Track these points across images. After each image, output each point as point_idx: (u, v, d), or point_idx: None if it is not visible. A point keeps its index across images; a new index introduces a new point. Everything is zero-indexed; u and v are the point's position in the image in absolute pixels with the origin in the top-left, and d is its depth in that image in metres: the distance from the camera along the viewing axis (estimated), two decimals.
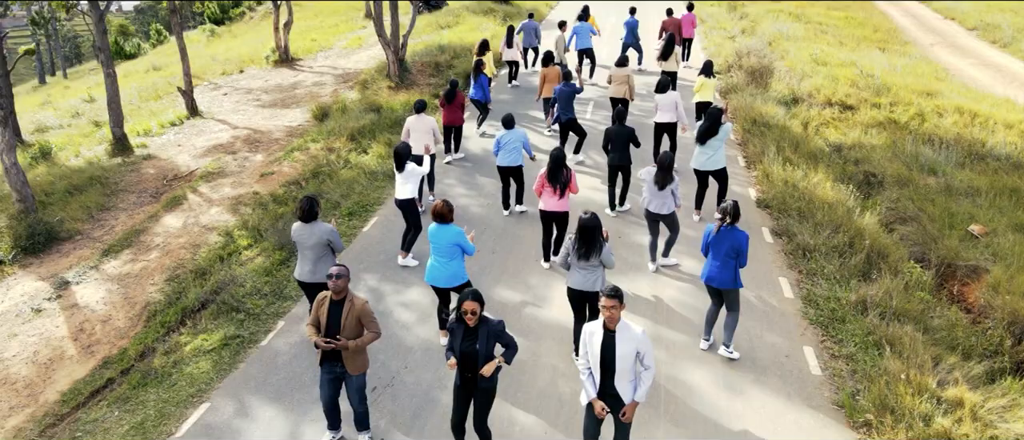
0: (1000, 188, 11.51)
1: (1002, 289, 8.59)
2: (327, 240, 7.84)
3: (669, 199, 9.07)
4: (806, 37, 22.38)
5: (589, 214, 7.23)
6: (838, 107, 15.63)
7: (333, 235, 7.89)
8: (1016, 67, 22.44)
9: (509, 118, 10.94)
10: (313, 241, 7.79)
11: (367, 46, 28.59)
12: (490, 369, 5.87)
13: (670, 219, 9.26)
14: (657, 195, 9.08)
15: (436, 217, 7.70)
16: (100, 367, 8.68)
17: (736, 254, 7.41)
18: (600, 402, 5.72)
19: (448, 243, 7.65)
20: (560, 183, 9.12)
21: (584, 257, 7.25)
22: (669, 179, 8.94)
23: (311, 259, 7.85)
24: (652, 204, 9.16)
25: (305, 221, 7.84)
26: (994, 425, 6.65)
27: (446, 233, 7.65)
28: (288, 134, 17.12)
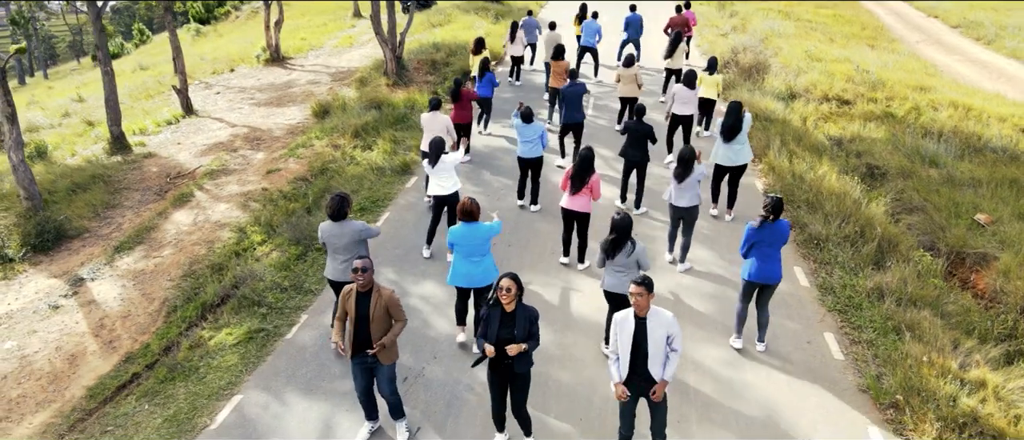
0: (1000, 179, 11.78)
1: (1013, 275, 8.83)
2: (360, 237, 7.63)
3: (690, 192, 9.08)
4: (797, 34, 22.69)
5: (621, 214, 7.22)
6: (835, 102, 15.89)
7: (365, 229, 7.69)
8: (1001, 63, 22.91)
9: (528, 111, 10.96)
10: (346, 240, 7.57)
11: (358, 45, 28.55)
12: (516, 350, 5.92)
13: (690, 215, 9.22)
14: (678, 188, 9.11)
15: (465, 216, 7.53)
16: (123, 362, 8.65)
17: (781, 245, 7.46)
18: (622, 387, 5.84)
19: (480, 241, 7.53)
20: (584, 183, 9.01)
21: (610, 256, 7.24)
22: (688, 172, 8.93)
23: (344, 258, 7.65)
24: (673, 197, 9.21)
25: (335, 220, 7.59)
26: (1016, 405, 6.86)
27: (476, 231, 7.52)
28: (288, 132, 17.08)
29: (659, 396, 5.82)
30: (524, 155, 11.05)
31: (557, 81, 14.79)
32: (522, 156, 11.08)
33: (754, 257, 7.57)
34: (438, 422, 7.06)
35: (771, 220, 7.39)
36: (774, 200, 7.42)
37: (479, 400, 7.32)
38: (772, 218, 7.40)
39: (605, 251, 7.30)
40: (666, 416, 6.01)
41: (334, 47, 28.67)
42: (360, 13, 35.88)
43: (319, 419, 7.20)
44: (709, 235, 10.51)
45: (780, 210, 7.42)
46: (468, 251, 7.57)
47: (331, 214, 7.60)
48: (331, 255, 7.76)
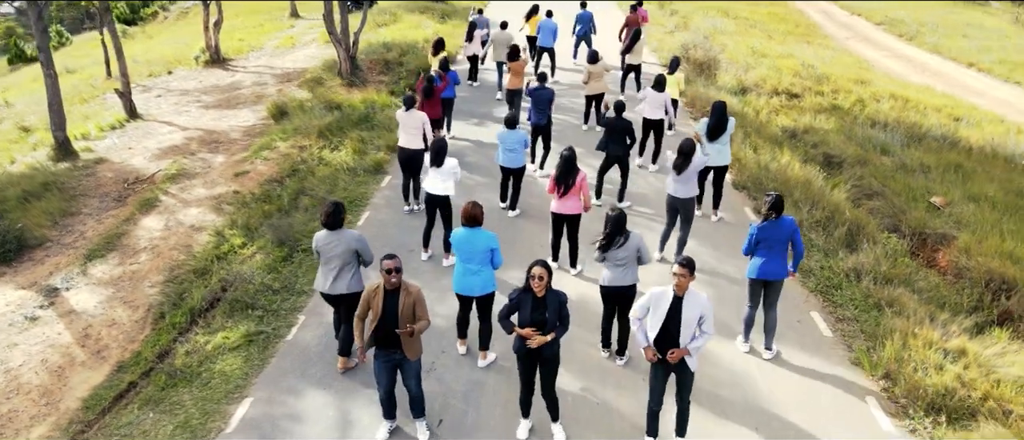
0: (946, 164, 12.63)
1: (974, 252, 9.51)
2: (355, 249, 7.36)
3: (690, 183, 9.22)
4: (738, 31, 23.57)
5: (616, 210, 7.35)
6: (784, 96, 16.63)
7: (362, 244, 7.39)
8: (923, 58, 24.37)
9: (512, 118, 10.87)
10: (340, 250, 7.30)
11: (301, 45, 28.10)
12: (539, 342, 6.08)
13: (687, 207, 9.36)
14: (677, 181, 9.24)
15: (468, 221, 7.42)
16: (116, 371, 8.40)
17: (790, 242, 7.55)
18: (652, 348, 6.08)
19: (482, 248, 7.40)
20: (569, 185, 8.95)
21: (607, 251, 7.33)
22: (688, 163, 9.07)
23: (336, 269, 7.34)
24: (673, 189, 9.33)
25: (331, 228, 7.33)
26: (995, 370, 7.43)
27: (479, 238, 7.40)
28: (246, 134, 16.73)
29: (676, 358, 6.05)
30: (505, 164, 10.91)
31: (515, 82, 14.88)
32: (503, 165, 10.96)
33: (758, 255, 7.62)
34: (457, 415, 7.15)
35: (773, 217, 7.50)
36: (774, 198, 7.50)
37: (497, 390, 7.45)
38: (774, 215, 7.50)
39: (602, 247, 7.38)
40: (692, 386, 6.28)
41: (276, 48, 28.11)
42: (298, 13, 35.28)
43: (336, 416, 7.20)
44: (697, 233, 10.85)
45: (781, 207, 7.49)
46: (467, 257, 7.44)
47: (327, 223, 7.34)
48: (323, 265, 7.46)
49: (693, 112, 15.92)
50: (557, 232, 9.50)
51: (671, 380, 6.37)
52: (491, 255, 7.48)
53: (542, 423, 6.88)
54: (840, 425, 6.94)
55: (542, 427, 6.88)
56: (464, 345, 8.03)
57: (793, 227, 7.54)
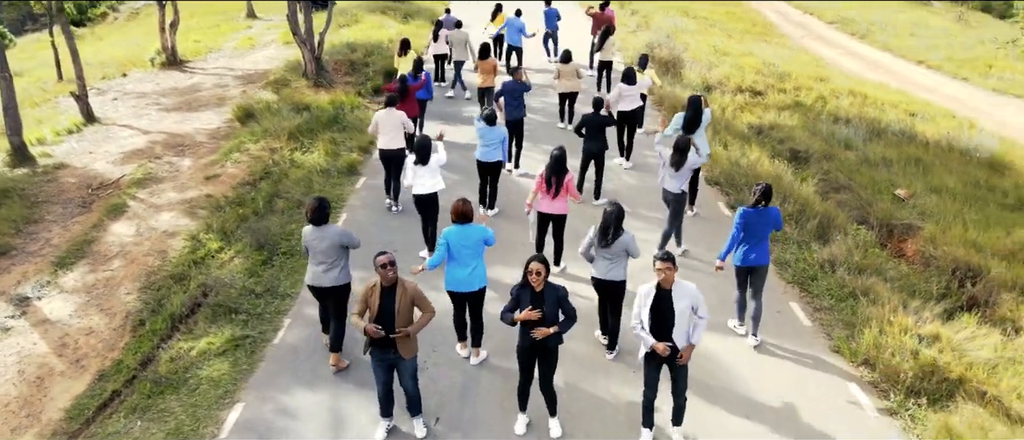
0: (907, 158, 13.09)
1: (939, 242, 9.89)
2: (341, 243, 7.55)
3: (683, 179, 9.40)
4: (698, 30, 24.00)
5: (615, 205, 7.47)
6: (748, 93, 17.01)
7: (346, 236, 7.62)
8: (875, 56, 25.16)
9: (491, 114, 10.93)
10: (325, 245, 7.46)
11: (261, 46, 27.70)
12: (542, 334, 6.16)
13: (679, 201, 9.51)
14: (674, 176, 9.41)
15: (459, 218, 7.49)
16: (97, 380, 8.21)
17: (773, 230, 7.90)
18: (662, 343, 6.19)
19: (474, 243, 7.48)
20: (561, 184, 9.00)
21: (606, 245, 7.45)
22: (684, 160, 9.25)
23: (325, 263, 7.51)
24: (668, 183, 9.51)
25: (316, 224, 7.50)
26: (967, 353, 7.76)
27: (472, 233, 7.48)
28: (211, 137, 16.44)
29: (685, 359, 6.22)
30: (483, 158, 10.92)
31: (486, 81, 14.95)
32: (480, 159, 10.97)
33: (744, 244, 7.87)
34: (454, 411, 7.19)
35: (763, 206, 7.78)
36: (764, 187, 7.82)
37: (492, 387, 7.51)
38: (764, 203, 7.80)
39: (598, 240, 7.53)
40: (687, 380, 6.43)
41: (234, 49, 27.64)
42: (255, 14, 34.74)
43: (331, 416, 7.19)
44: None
45: (770, 196, 7.81)
46: (461, 254, 7.49)
47: (312, 219, 7.50)
48: (311, 260, 7.61)
49: (662, 110, 16.18)
50: (542, 231, 9.55)
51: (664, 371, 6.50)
52: (483, 245, 7.56)
53: (539, 419, 6.97)
54: (826, 410, 7.17)
55: (539, 423, 6.96)
56: (466, 348, 8.00)
57: (777, 216, 7.90)
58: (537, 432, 6.91)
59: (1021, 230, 10.20)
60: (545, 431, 6.90)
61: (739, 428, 6.95)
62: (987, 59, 23.32)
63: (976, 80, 21.75)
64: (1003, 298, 8.70)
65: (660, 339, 6.22)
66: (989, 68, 22.53)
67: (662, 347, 6.17)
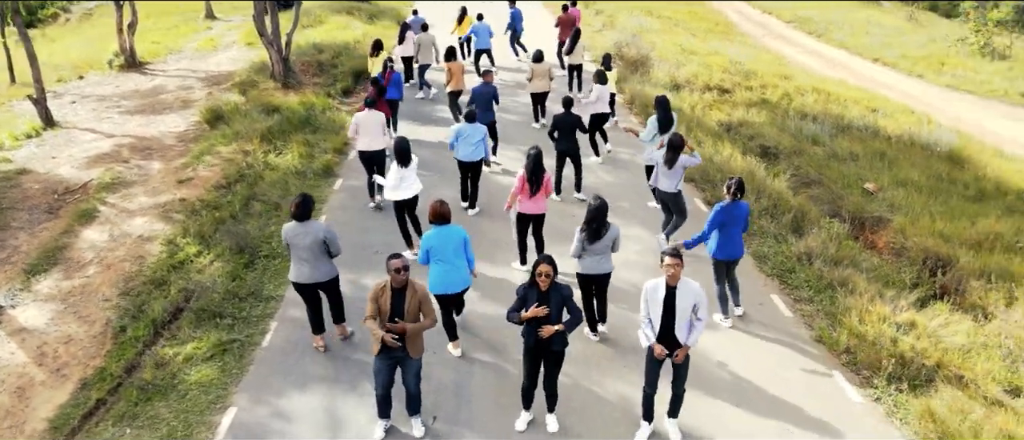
0: (873, 153, 13.49)
1: (909, 233, 10.24)
2: (324, 240, 7.61)
3: (676, 178, 9.61)
4: (663, 30, 24.34)
5: (599, 199, 7.63)
6: (717, 91, 17.32)
7: (330, 234, 7.66)
8: (833, 54, 25.82)
9: (471, 112, 10.96)
10: (309, 241, 7.52)
11: (223, 48, 27.26)
12: (549, 332, 6.25)
13: (677, 200, 9.74)
14: (667, 175, 9.61)
15: (438, 219, 7.59)
16: (80, 389, 8.04)
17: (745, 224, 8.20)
18: (660, 346, 6.34)
19: (456, 244, 7.57)
20: (541, 183, 9.08)
21: (596, 239, 7.59)
22: (676, 158, 9.46)
23: (309, 260, 7.59)
24: (662, 183, 9.70)
25: (299, 220, 7.55)
26: (942, 339, 8.06)
27: (453, 234, 7.57)
28: (180, 139, 16.16)
29: (681, 358, 6.37)
30: (464, 158, 10.97)
31: (456, 83, 14.97)
32: (462, 159, 11.02)
33: (720, 237, 8.15)
34: (451, 411, 7.23)
35: (738, 198, 8.06)
36: (738, 180, 8.09)
37: (486, 385, 7.56)
38: (740, 196, 8.08)
39: (587, 237, 7.65)
40: (687, 374, 6.57)
41: (196, 50, 27.16)
42: (214, 15, 34.17)
43: (327, 416, 7.18)
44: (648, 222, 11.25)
45: (743, 190, 8.12)
46: (443, 256, 7.55)
47: (296, 214, 7.56)
48: (295, 257, 7.66)
49: (633, 108, 16.40)
50: (523, 232, 9.60)
51: (666, 365, 6.64)
52: (465, 246, 7.66)
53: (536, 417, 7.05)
54: (812, 398, 7.39)
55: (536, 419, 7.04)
56: (458, 347, 8.06)
57: (747, 210, 8.22)
58: (535, 427, 6.99)
59: (984, 220, 10.60)
60: (542, 426, 6.98)
61: (731, 416, 7.12)
62: (940, 57, 24.11)
63: (930, 77, 22.48)
64: (972, 286, 9.03)
65: (664, 335, 6.34)
66: (942, 65, 23.30)
67: (660, 350, 6.30)
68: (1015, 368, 7.67)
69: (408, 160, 9.45)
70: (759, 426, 6.99)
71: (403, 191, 9.48)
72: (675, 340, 6.37)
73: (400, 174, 9.45)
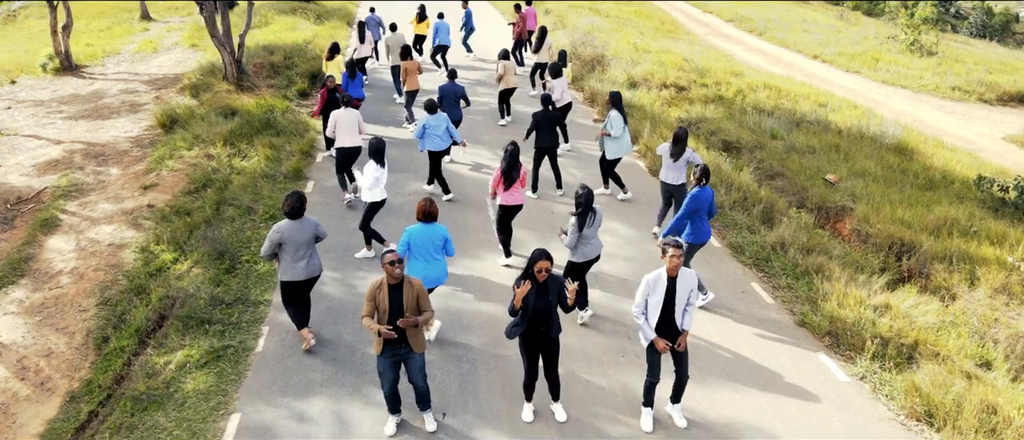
0: (828, 145, 14.09)
1: (872, 221, 10.77)
2: (316, 233, 7.87)
3: (681, 170, 10.02)
4: (613, 29, 24.74)
5: (585, 188, 7.93)
6: (673, 89, 17.77)
7: (320, 227, 7.97)
8: (775, 51, 26.73)
9: (432, 103, 11.23)
10: (306, 237, 7.75)
11: (164, 50, 26.48)
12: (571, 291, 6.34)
13: (681, 192, 10.10)
14: (672, 167, 10.01)
15: (425, 217, 7.72)
16: (68, 402, 7.79)
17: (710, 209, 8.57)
18: (663, 341, 6.57)
19: (437, 240, 7.74)
20: (514, 178, 9.34)
21: (589, 224, 7.92)
22: (682, 150, 9.87)
23: (305, 256, 7.80)
24: (668, 176, 10.11)
25: (295, 218, 7.69)
26: (915, 320, 8.54)
27: (435, 232, 7.74)
28: (135, 144, 15.67)
29: (683, 345, 6.60)
30: (433, 148, 11.28)
31: (412, 83, 14.98)
32: (432, 150, 11.32)
33: (692, 223, 8.56)
34: (459, 405, 7.30)
35: (704, 184, 8.51)
36: (703, 166, 8.59)
37: (490, 379, 7.65)
38: (705, 181, 8.52)
39: (579, 223, 7.90)
40: (688, 359, 6.81)
41: (135, 53, 26.29)
42: (149, 15, 33.13)
43: (334, 417, 7.15)
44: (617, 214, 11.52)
45: (708, 175, 8.59)
46: (423, 252, 7.72)
47: (290, 212, 7.69)
48: (291, 255, 7.73)
49: (596, 106, 16.70)
50: (506, 227, 9.78)
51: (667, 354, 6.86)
52: (445, 244, 7.84)
53: (541, 408, 7.19)
54: (802, 378, 7.74)
55: (543, 411, 7.18)
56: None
57: (712, 195, 8.62)
58: (542, 418, 7.13)
59: (939, 207, 11.24)
60: (548, 417, 7.13)
61: (726, 398, 7.40)
62: (873, 53, 25.25)
63: (867, 73, 23.54)
64: (936, 269, 9.59)
65: (665, 323, 6.56)
66: (876, 62, 24.42)
67: (663, 344, 6.53)
68: (983, 344, 8.21)
69: (383, 160, 9.52)
70: (754, 406, 7.30)
71: (379, 194, 9.53)
72: (674, 327, 6.59)
73: (376, 174, 9.49)
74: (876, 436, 6.95)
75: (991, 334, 8.37)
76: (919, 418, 7.11)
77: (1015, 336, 8.29)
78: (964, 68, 23.94)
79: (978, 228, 10.55)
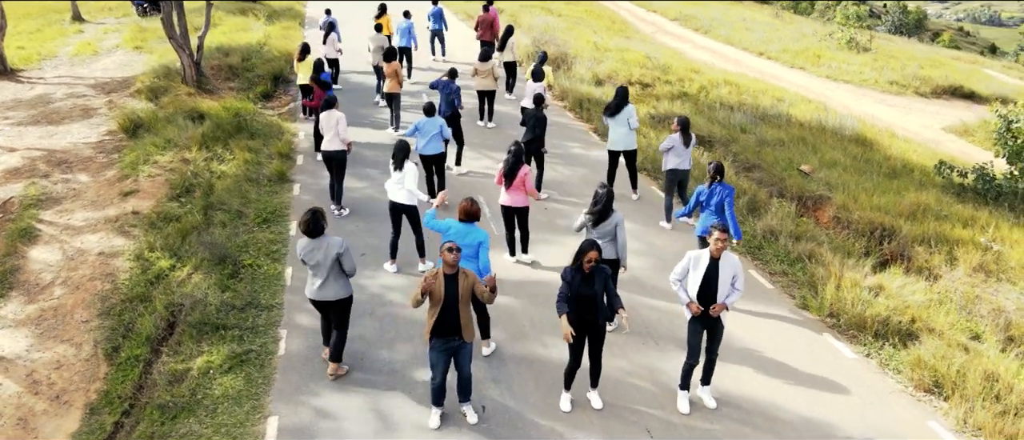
0: (794, 138, 14.77)
1: (851, 208, 11.39)
2: (338, 258, 7.28)
3: (688, 156, 10.64)
4: (567, 28, 25.14)
5: (606, 186, 8.13)
6: (639, 85, 18.23)
7: (344, 250, 7.31)
8: (723, 49, 27.65)
9: (430, 106, 11.25)
10: (324, 258, 7.23)
11: (105, 52, 25.47)
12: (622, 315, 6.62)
13: (687, 177, 10.72)
14: (681, 154, 10.57)
15: (467, 217, 7.73)
16: (88, 414, 7.56)
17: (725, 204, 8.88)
18: (695, 302, 6.88)
19: (474, 243, 7.71)
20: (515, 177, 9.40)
21: (596, 225, 8.08)
22: (690, 139, 10.48)
23: (323, 276, 7.30)
24: (680, 163, 10.62)
25: (312, 236, 7.26)
26: (907, 299, 9.11)
27: (473, 234, 7.71)
28: (98, 150, 15.12)
29: (718, 311, 6.89)
30: (425, 152, 11.26)
31: (393, 85, 14.94)
32: (424, 153, 11.29)
33: (705, 215, 8.94)
34: (496, 398, 7.44)
35: (718, 180, 8.85)
36: (717, 164, 8.91)
37: (521, 374, 7.80)
38: (719, 178, 8.85)
39: (593, 221, 8.12)
40: (721, 340, 7.13)
41: (73, 56, 25.20)
42: (82, 16, 31.81)
43: (373, 414, 7.21)
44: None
45: (723, 172, 8.92)
46: (464, 253, 7.70)
47: (307, 231, 7.26)
48: (312, 274, 7.40)
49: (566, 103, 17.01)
50: (509, 225, 9.93)
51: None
52: (481, 248, 7.80)
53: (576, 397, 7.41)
54: (812, 357, 8.18)
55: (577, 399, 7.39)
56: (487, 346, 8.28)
57: (729, 191, 8.91)
58: (579, 407, 7.33)
59: (909, 193, 11.97)
60: (585, 406, 7.34)
61: (748, 379, 7.77)
62: (815, 50, 26.44)
63: (811, 69, 24.65)
64: (917, 251, 10.23)
65: (702, 301, 6.87)
66: (818, 58, 25.57)
67: (696, 307, 6.84)
68: (971, 318, 8.83)
69: (402, 164, 9.46)
70: (774, 384, 7.68)
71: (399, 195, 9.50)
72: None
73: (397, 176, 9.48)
74: (892, 406, 7.42)
75: (976, 310, 9.01)
76: (928, 389, 7.63)
77: (997, 310, 8.96)
78: (898, 64, 25.32)
79: (948, 212, 11.28)
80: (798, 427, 7.09)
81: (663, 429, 7.05)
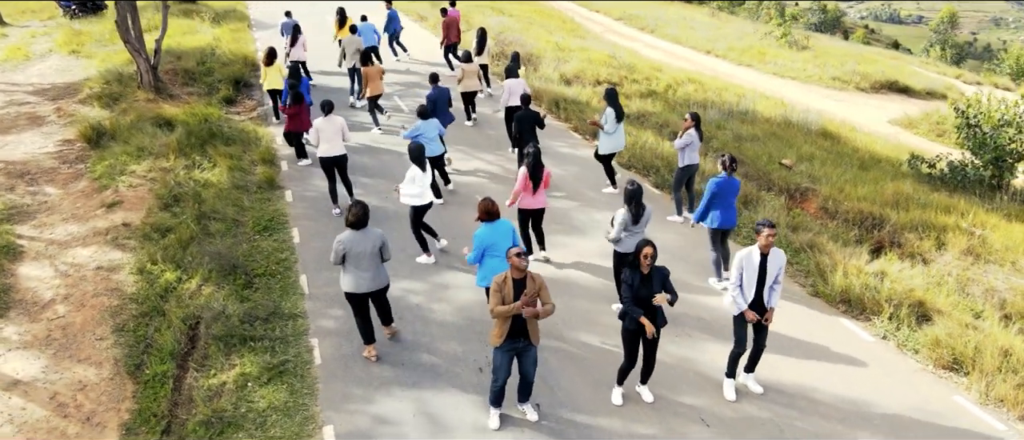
0: (767, 133, 15.33)
1: (838, 199, 11.93)
2: (382, 245, 7.70)
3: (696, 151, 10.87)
4: (522, 29, 25.29)
5: (634, 184, 8.35)
6: (606, 84, 18.53)
7: (386, 240, 7.77)
8: (671, 47, 28.35)
9: (424, 109, 11.26)
10: (369, 247, 7.58)
11: (39, 57, 24.15)
12: (663, 300, 6.78)
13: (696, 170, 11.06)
14: (696, 150, 10.88)
15: (489, 216, 7.84)
16: (125, 435, 7.22)
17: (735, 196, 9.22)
18: (752, 312, 7.15)
19: (505, 238, 7.81)
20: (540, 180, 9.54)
21: (638, 219, 8.36)
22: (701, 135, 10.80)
23: (370, 268, 7.64)
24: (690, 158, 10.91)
25: (357, 228, 7.56)
26: (907, 282, 9.63)
27: (502, 228, 7.84)
28: (60, 161, 14.35)
29: (771, 320, 7.19)
30: (428, 154, 11.25)
31: (374, 88, 14.81)
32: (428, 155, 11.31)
33: (717, 209, 9.23)
34: (548, 396, 7.51)
35: (731, 172, 9.16)
36: (730, 157, 9.21)
37: (568, 370, 7.90)
38: (733, 170, 9.18)
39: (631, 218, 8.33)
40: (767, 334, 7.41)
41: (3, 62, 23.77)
42: (3, 20, 30.06)
43: (426, 417, 7.20)
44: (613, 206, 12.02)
45: (735, 166, 9.25)
46: (497, 249, 7.82)
47: (354, 223, 7.57)
48: (354, 266, 7.60)
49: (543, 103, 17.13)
50: (524, 226, 10.01)
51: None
52: (512, 235, 7.93)
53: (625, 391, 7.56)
54: (834, 341, 8.56)
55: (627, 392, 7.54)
56: None
57: (738, 185, 9.28)
58: (631, 400, 7.48)
59: (888, 183, 12.62)
60: (635, 398, 7.49)
61: (780, 364, 8.08)
62: (759, 49, 27.43)
63: (758, 67, 25.57)
64: (907, 238, 10.81)
65: (754, 296, 7.12)
66: (763, 56, 26.55)
67: (752, 315, 7.10)
68: (970, 298, 9.41)
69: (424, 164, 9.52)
70: (805, 369, 8.01)
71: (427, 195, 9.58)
72: (763, 304, 7.18)
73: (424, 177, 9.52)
74: (917, 385, 7.86)
75: (971, 291, 9.60)
76: (947, 366, 8.10)
77: (990, 291, 9.57)
78: (837, 61, 26.54)
79: (927, 200, 11.96)
80: (841, 408, 7.43)
81: (717, 418, 7.27)
